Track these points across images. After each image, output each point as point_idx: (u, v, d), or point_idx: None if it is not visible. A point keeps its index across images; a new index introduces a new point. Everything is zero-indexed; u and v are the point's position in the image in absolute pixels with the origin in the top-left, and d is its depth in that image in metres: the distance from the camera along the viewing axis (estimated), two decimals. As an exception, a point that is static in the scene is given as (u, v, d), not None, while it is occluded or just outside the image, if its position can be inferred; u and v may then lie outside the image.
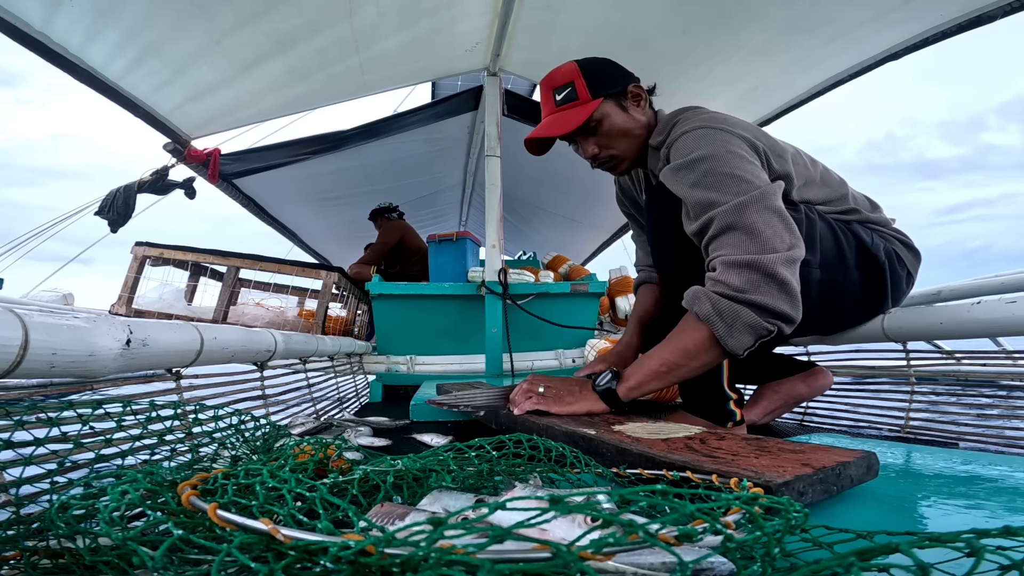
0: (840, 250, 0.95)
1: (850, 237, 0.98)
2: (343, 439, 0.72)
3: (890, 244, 1.02)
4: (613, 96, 1.00)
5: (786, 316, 0.77)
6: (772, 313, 0.77)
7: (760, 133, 0.93)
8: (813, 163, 1.02)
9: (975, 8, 1.45)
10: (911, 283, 1.08)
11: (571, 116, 0.99)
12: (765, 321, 0.77)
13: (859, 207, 1.04)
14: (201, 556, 0.27)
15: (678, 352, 0.82)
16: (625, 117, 1.01)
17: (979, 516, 0.47)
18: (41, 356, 0.52)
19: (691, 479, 0.47)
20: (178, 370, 0.90)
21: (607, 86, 1.00)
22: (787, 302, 0.77)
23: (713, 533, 0.26)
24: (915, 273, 1.07)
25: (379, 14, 1.83)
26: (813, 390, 1.10)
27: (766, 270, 0.76)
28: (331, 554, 0.22)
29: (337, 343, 1.71)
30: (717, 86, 2.18)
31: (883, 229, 1.04)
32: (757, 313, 0.77)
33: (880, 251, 0.99)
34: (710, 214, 0.81)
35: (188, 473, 0.36)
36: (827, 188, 1.00)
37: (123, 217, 2.35)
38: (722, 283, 0.78)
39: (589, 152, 1.03)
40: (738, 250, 0.78)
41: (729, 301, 0.77)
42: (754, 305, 0.76)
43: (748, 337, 0.77)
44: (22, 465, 0.47)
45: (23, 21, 1.40)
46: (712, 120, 0.90)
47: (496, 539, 0.21)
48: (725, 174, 0.82)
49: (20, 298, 2.10)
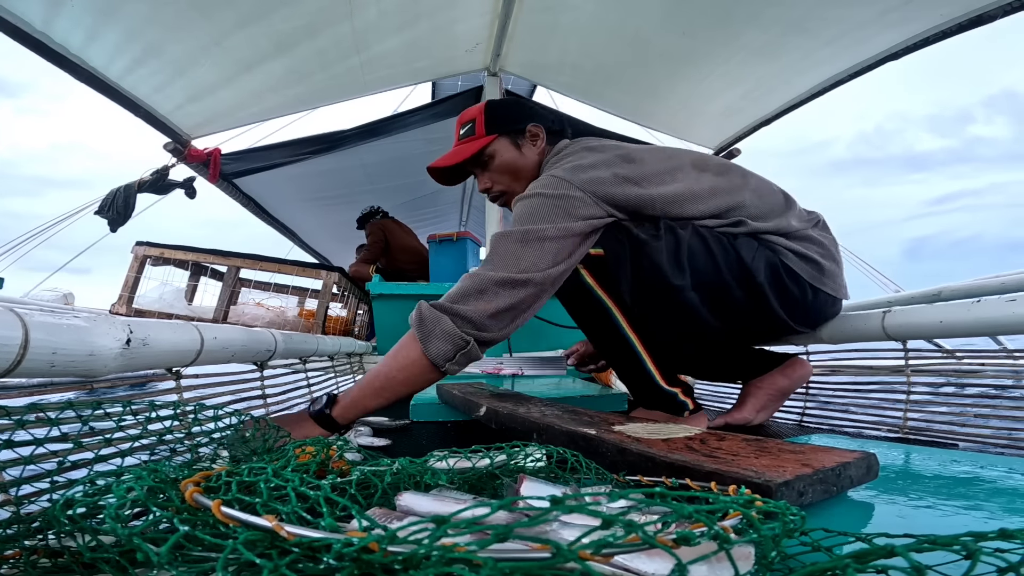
0: (717, 268, 0.93)
1: (731, 253, 0.94)
2: (344, 440, 0.72)
3: (779, 256, 0.96)
4: (510, 134, 1.05)
5: (480, 327, 0.82)
6: (471, 323, 0.82)
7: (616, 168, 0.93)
8: (700, 175, 0.98)
9: (975, 8, 1.46)
10: (825, 299, 1.00)
11: (464, 149, 1.05)
12: (461, 331, 0.81)
13: (754, 216, 0.97)
14: (204, 553, 0.27)
15: (391, 360, 0.85)
16: (516, 155, 1.05)
17: (979, 517, 0.47)
18: (41, 355, 0.52)
19: (690, 486, 0.47)
20: (178, 370, 0.90)
21: (504, 125, 1.05)
22: (485, 316, 0.82)
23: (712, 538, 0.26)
24: (824, 286, 0.98)
25: (379, 14, 1.83)
26: (793, 381, 1.10)
27: (477, 285, 0.83)
28: (334, 551, 0.22)
29: (337, 343, 1.71)
30: (716, 87, 2.19)
31: (778, 241, 0.97)
32: (455, 322, 0.82)
33: (760, 271, 0.94)
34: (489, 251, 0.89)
35: (189, 472, 0.36)
36: (715, 200, 0.96)
37: (123, 217, 2.35)
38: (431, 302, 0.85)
39: (482, 185, 1.09)
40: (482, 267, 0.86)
41: (434, 309, 0.83)
42: (454, 313, 0.82)
43: (445, 344, 0.81)
44: (22, 465, 0.47)
45: (24, 21, 1.40)
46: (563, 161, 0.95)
47: (498, 538, 0.21)
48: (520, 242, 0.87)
49: (21, 298, 2.10)
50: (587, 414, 0.85)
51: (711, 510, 0.28)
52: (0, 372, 0.49)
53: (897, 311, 1.04)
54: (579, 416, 0.83)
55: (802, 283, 0.97)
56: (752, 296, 0.95)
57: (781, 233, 0.98)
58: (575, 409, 0.90)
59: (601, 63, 2.24)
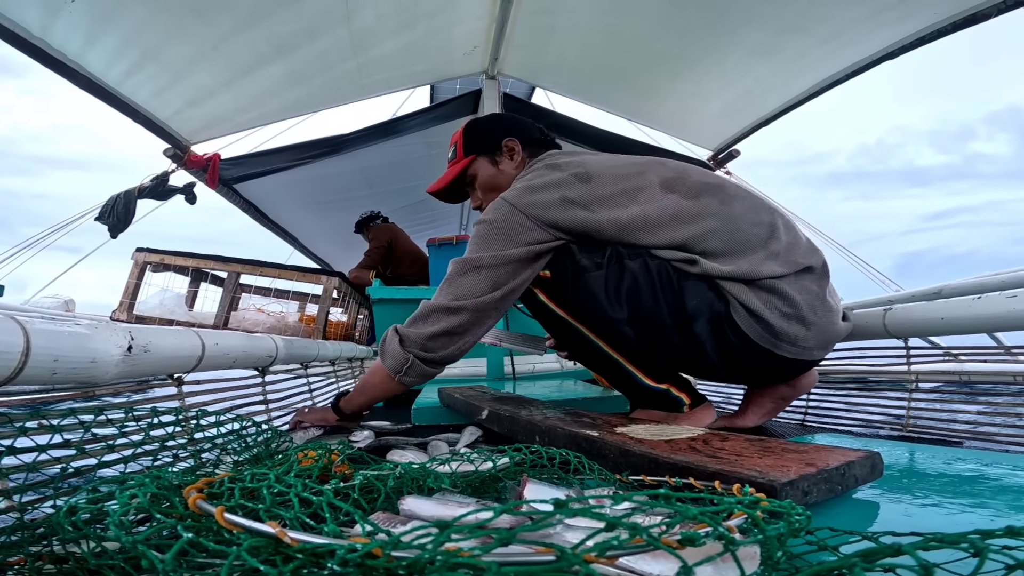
0: (657, 307, 0.89)
1: (675, 294, 0.88)
2: (347, 444, 0.72)
3: (728, 307, 0.87)
4: (487, 152, 1.08)
5: (422, 348, 0.90)
6: (414, 344, 0.91)
7: (565, 190, 0.91)
8: (664, 197, 0.91)
9: (969, 7, 1.46)
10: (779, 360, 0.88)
11: (449, 173, 1.10)
12: (403, 350, 0.91)
13: (716, 253, 0.88)
14: (208, 560, 0.27)
15: (371, 371, 1.00)
16: (494, 172, 1.08)
17: (985, 515, 0.47)
18: (43, 363, 0.52)
19: (694, 486, 0.47)
20: (180, 376, 0.90)
21: (481, 143, 1.08)
22: (424, 339, 0.90)
23: (716, 538, 0.26)
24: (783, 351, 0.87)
25: (377, 18, 1.84)
26: (798, 390, 1.09)
27: (424, 311, 0.92)
28: (338, 557, 0.22)
29: (338, 348, 1.71)
30: (714, 88, 2.19)
31: (731, 289, 0.87)
32: (402, 343, 0.91)
33: (700, 320, 0.88)
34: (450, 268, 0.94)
35: (192, 478, 0.36)
36: (671, 231, 0.89)
37: (123, 222, 2.35)
38: (395, 328, 0.95)
39: (474, 204, 1.12)
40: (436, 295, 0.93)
41: (394, 331, 0.94)
42: (402, 337, 0.92)
43: (393, 361, 0.92)
44: (25, 471, 0.47)
45: (21, 27, 1.41)
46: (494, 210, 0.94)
47: (502, 541, 0.21)
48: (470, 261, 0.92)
49: (21, 304, 2.10)
50: (589, 416, 0.85)
51: (715, 511, 0.28)
52: (2, 380, 0.49)
53: (898, 308, 1.04)
54: (581, 418, 0.83)
55: (748, 341, 0.87)
56: (687, 343, 0.90)
57: (741, 279, 0.86)
58: (577, 411, 0.90)
59: (599, 64, 2.24)
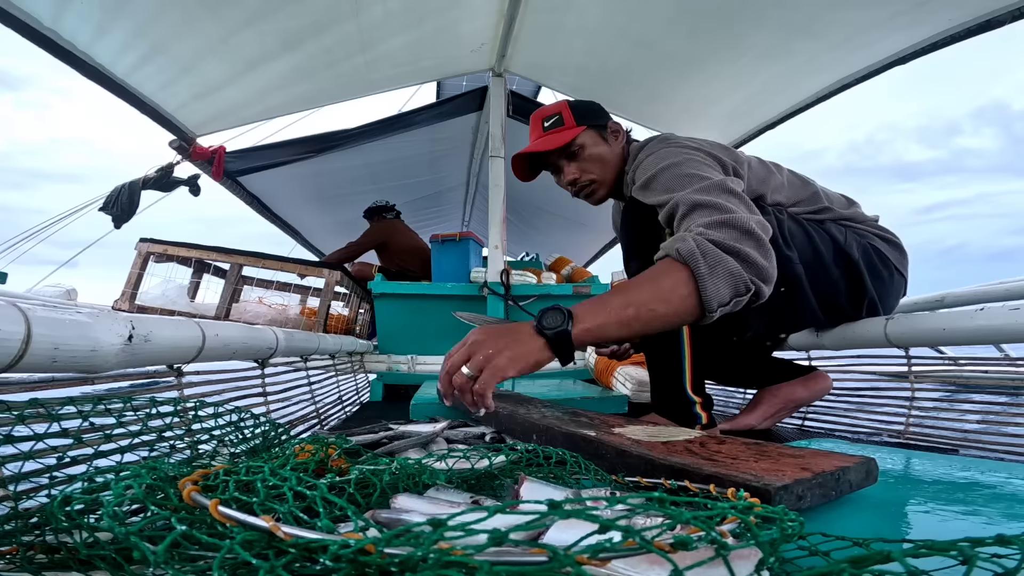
0: (815, 249, 0.99)
1: (824, 236, 1.01)
2: (343, 439, 0.72)
3: (866, 240, 1.04)
4: (595, 127, 1.10)
5: (765, 273, 0.75)
6: (754, 267, 0.74)
7: (721, 148, 0.98)
8: (778, 169, 1.06)
9: (985, 12, 1.44)
10: (900, 282, 1.08)
11: (557, 137, 1.08)
12: (747, 274, 0.73)
13: (832, 205, 1.07)
14: (200, 552, 0.27)
15: (649, 291, 0.73)
16: (604, 147, 1.10)
17: (977, 523, 0.47)
18: (43, 350, 0.52)
19: (689, 488, 0.47)
20: (179, 366, 0.91)
21: (591, 118, 1.10)
22: (766, 258, 0.76)
23: (709, 543, 0.26)
24: (903, 270, 1.07)
25: (385, 13, 1.83)
26: (813, 394, 1.10)
27: (743, 227, 0.75)
28: (331, 552, 0.22)
29: (338, 342, 1.71)
30: (722, 90, 2.18)
31: (859, 226, 1.06)
32: (740, 263, 0.73)
33: (853, 248, 1.01)
34: (675, 200, 0.84)
35: (188, 469, 0.36)
36: (794, 190, 1.05)
37: (127, 213, 2.36)
38: (704, 236, 0.75)
39: (570, 175, 1.10)
40: (710, 218, 0.77)
41: (713, 246, 0.74)
42: (738, 254, 0.73)
43: (726, 287, 0.72)
44: (21, 460, 0.47)
45: (33, 18, 1.41)
46: (670, 140, 0.99)
47: (495, 541, 0.21)
48: (684, 175, 0.87)
49: (24, 293, 2.11)
50: (587, 416, 0.85)
51: (709, 515, 0.28)
52: (2, 367, 0.50)
53: (899, 318, 1.04)
54: (579, 418, 0.83)
55: (889, 266, 1.04)
56: (848, 276, 1.01)
57: (859, 221, 1.06)
58: (575, 411, 0.90)
59: (606, 64, 2.23)
